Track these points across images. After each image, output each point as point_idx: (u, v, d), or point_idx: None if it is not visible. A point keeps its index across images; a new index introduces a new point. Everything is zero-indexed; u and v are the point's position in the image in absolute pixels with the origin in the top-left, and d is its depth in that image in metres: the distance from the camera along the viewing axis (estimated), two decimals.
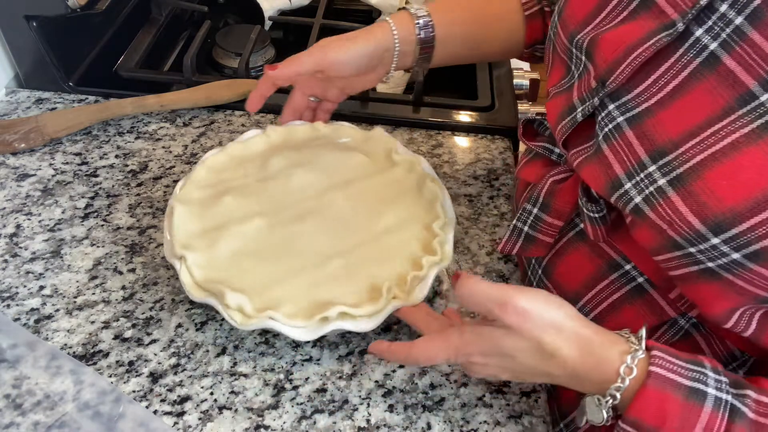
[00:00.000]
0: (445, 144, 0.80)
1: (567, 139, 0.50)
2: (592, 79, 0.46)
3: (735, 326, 0.43)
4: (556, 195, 0.53)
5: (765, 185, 0.36)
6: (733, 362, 0.48)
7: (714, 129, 0.38)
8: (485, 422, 0.53)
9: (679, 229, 0.39)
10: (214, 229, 0.59)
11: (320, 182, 0.64)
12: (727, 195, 0.37)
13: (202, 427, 0.51)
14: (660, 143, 0.41)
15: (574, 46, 0.48)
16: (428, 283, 0.56)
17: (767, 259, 0.37)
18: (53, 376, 0.53)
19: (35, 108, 0.80)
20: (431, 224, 0.60)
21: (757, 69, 0.36)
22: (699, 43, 0.39)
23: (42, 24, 0.79)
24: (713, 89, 0.38)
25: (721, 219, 0.37)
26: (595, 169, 0.46)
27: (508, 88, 0.89)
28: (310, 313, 0.53)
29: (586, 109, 0.46)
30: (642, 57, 0.41)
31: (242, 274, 0.56)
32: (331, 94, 0.70)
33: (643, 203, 0.41)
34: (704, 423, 0.38)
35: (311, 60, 0.65)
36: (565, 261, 0.55)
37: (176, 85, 0.85)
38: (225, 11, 1.08)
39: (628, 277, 0.50)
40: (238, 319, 0.52)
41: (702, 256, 0.39)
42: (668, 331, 0.49)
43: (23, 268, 0.62)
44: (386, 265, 0.57)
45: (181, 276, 0.55)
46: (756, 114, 0.36)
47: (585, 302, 0.53)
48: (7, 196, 0.69)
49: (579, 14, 0.48)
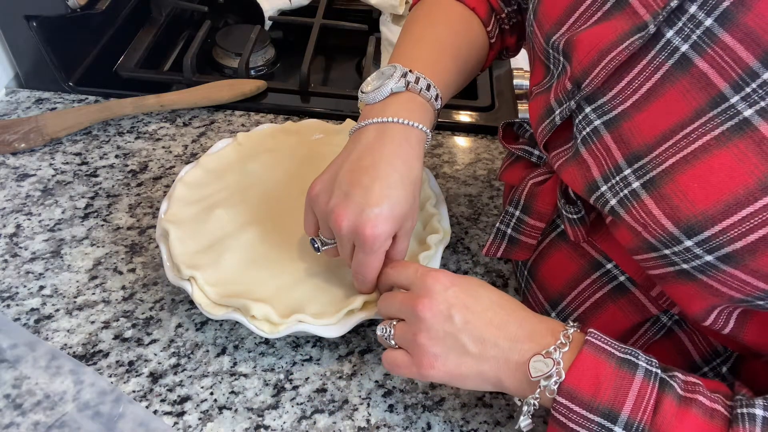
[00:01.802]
0: (445, 144, 0.80)
1: (547, 141, 0.50)
2: (567, 80, 0.45)
3: (713, 324, 0.43)
4: (536, 197, 0.53)
5: (734, 188, 0.36)
6: (716, 358, 0.48)
7: (686, 132, 0.38)
8: (485, 422, 0.53)
9: (653, 232, 0.40)
10: (213, 244, 0.58)
11: (303, 180, 0.64)
12: (699, 198, 0.37)
13: (202, 427, 0.51)
14: (635, 146, 0.41)
15: (550, 47, 0.48)
16: (437, 262, 0.58)
17: (740, 262, 0.37)
18: (53, 376, 0.53)
19: (35, 108, 0.80)
20: (425, 204, 0.62)
21: (729, 71, 0.36)
22: (670, 45, 0.39)
23: (42, 24, 0.79)
24: (686, 92, 0.38)
25: (693, 222, 0.37)
26: (575, 172, 0.46)
27: (508, 88, 0.90)
28: (335, 308, 0.54)
29: (563, 112, 0.46)
30: (616, 60, 0.41)
31: (256, 283, 0.55)
32: None
33: (618, 206, 0.42)
34: (636, 391, 0.39)
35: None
36: (549, 262, 0.55)
37: (176, 85, 0.85)
38: (225, 11, 1.08)
39: (610, 275, 0.50)
40: (267, 329, 0.52)
41: (676, 257, 0.39)
42: (651, 328, 0.50)
43: (23, 268, 0.62)
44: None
45: (195, 297, 0.54)
46: (726, 116, 0.36)
47: (569, 302, 0.54)
48: (7, 196, 0.69)
49: (553, 14, 0.47)
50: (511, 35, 0.65)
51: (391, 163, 0.50)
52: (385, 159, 0.50)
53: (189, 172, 0.64)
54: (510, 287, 0.64)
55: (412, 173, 0.51)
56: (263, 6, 0.99)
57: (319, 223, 0.53)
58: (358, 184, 0.49)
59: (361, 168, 0.49)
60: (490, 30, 0.62)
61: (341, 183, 0.49)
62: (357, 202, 0.48)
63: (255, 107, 0.83)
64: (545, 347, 0.43)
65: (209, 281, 0.54)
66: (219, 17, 1.07)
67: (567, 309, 0.54)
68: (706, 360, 0.48)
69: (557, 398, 0.41)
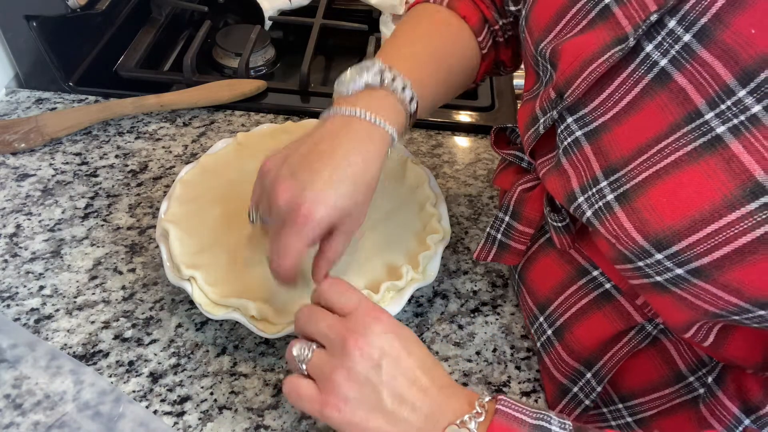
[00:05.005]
0: (445, 144, 0.80)
1: (533, 148, 0.50)
2: (551, 89, 0.45)
3: (694, 337, 0.43)
4: (525, 203, 0.53)
5: (701, 205, 0.35)
6: (702, 368, 0.47)
7: (660, 146, 0.38)
8: None
9: (625, 244, 0.40)
10: (212, 244, 0.58)
11: None
12: (667, 213, 0.37)
13: (202, 427, 0.51)
14: (613, 159, 0.41)
15: (539, 54, 0.48)
16: (437, 261, 0.58)
17: (709, 276, 0.36)
18: (53, 376, 0.53)
19: (35, 108, 0.80)
20: (425, 204, 0.62)
21: (707, 88, 0.36)
22: (649, 59, 0.39)
23: (42, 24, 0.79)
24: (665, 106, 0.38)
25: (661, 236, 0.37)
26: (556, 181, 0.46)
27: (508, 88, 0.90)
28: None
29: (546, 121, 0.46)
30: (597, 72, 0.41)
31: (255, 283, 0.55)
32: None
33: (593, 217, 0.42)
34: None
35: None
36: (537, 267, 0.56)
37: (176, 85, 0.85)
38: (225, 11, 1.08)
39: (596, 282, 0.50)
40: (266, 329, 0.53)
41: (650, 270, 0.39)
42: (636, 336, 0.49)
43: (23, 268, 0.62)
44: (395, 248, 0.59)
45: (195, 297, 0.54)
46: (699, 132, 0.36)
47: (555, 308, 0.53)
48: (7, 196, 0.69)
49: (542, 21, 0.47)
50: (506, 48, 0.63)
51: (348, 156, 0.47)
52: (342, 150, 0.47)
53: (190, 170, 0.64)
54: (510, 287, 0.64)
55: (367, 174, 0.48)
56: (263, 6, 0.99)
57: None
58: (308, 167, 0.47)
59: (317, 152, 0.47)
60: (481, 41, 0.60)
61: (292, 163, 0.47)
62: (301, 181, 0.46)
63: (255, 107, 0.83)
64: (461, 416, 0.42)
65: (209, 281, 0.54)
66: (219, 17, 1.07)
67: (553, 314, 0.54)
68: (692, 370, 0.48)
69: None
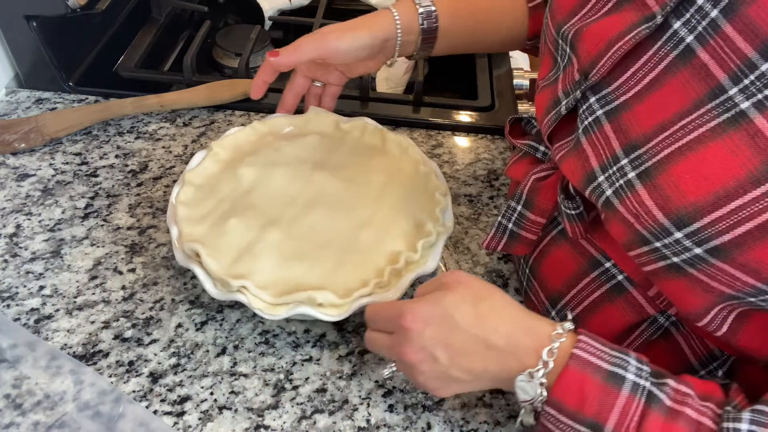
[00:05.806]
0: (445, 144, 0.80)
1: (552, 133, 0.50)
2: (576, 71, 0.46)
3: (709, 325, 0.43)
4: (538, 192, 0.53)
5: (726, 180, 0.36)
6: (713, 361, 0.48)
7: (683, 123, 0.38)
8: (485, 422, 0.53)
9: (645, 223, 0.40)
10: (242, 254, 0.57)
11: (296, 169, 0.65)
12: (690, 189, 0.37)
13: (202, 427, 0.51)
14: (633, 137, 0.41)
15: (560, 38, 0.48)
16: (438, 252, 0.59)
17: (728, 255, 0.37)
18: (53, 376, 0.53)
19: (35, 108, 0.80)
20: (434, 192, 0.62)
21: (729, 63, 0.36)
22: (676, 36, 0.39)
23: (42, 24, 0.79)
24: (686, 83, 0.38)
25: (683, 213, 0.37)
26: (574, 162, 0.46)
27: (508, 88, 0.90)
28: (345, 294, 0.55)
29: (569, 102, 0.47)
30: (622, 50, 0.41)
31: (302, 276, 0.56)
32: (332, 78, 0.72)
33: (613, 196, 0.42)
34: (621, 406, 0.40)
35: (312, 48, 0.66)
36: (549, 260, 0.56)
37: (176, 85, 0.85)
38: (225, 11, 1.08)
39: (608, 274, 0.50)
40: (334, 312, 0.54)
41: (667, 250, 0.40)
42: (648, 329, 0.50)
43: (23, 268, 0.62)
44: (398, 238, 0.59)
45: (252, 305, 0.53)
46: (723, 108, 0.36)
47: (567, 301, 0.54)
48: (7, 196, 0.69)
49: (566, 5, 0.48)
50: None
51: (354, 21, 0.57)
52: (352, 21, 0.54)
53: (181, 191, 0.62)
54: (510, 287, 0.64)
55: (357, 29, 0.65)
56: (263, 6, 0.99)
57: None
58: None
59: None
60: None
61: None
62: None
63: (255, 107, 0.83)
64: (529, 367, 0.43)
65: (260, 285, 0.54)
66: (219, 17, 1.07)
67: (566, 308, 0.54)
68: (703, 363, 0.48)
69: (545, 408, 0.42)
